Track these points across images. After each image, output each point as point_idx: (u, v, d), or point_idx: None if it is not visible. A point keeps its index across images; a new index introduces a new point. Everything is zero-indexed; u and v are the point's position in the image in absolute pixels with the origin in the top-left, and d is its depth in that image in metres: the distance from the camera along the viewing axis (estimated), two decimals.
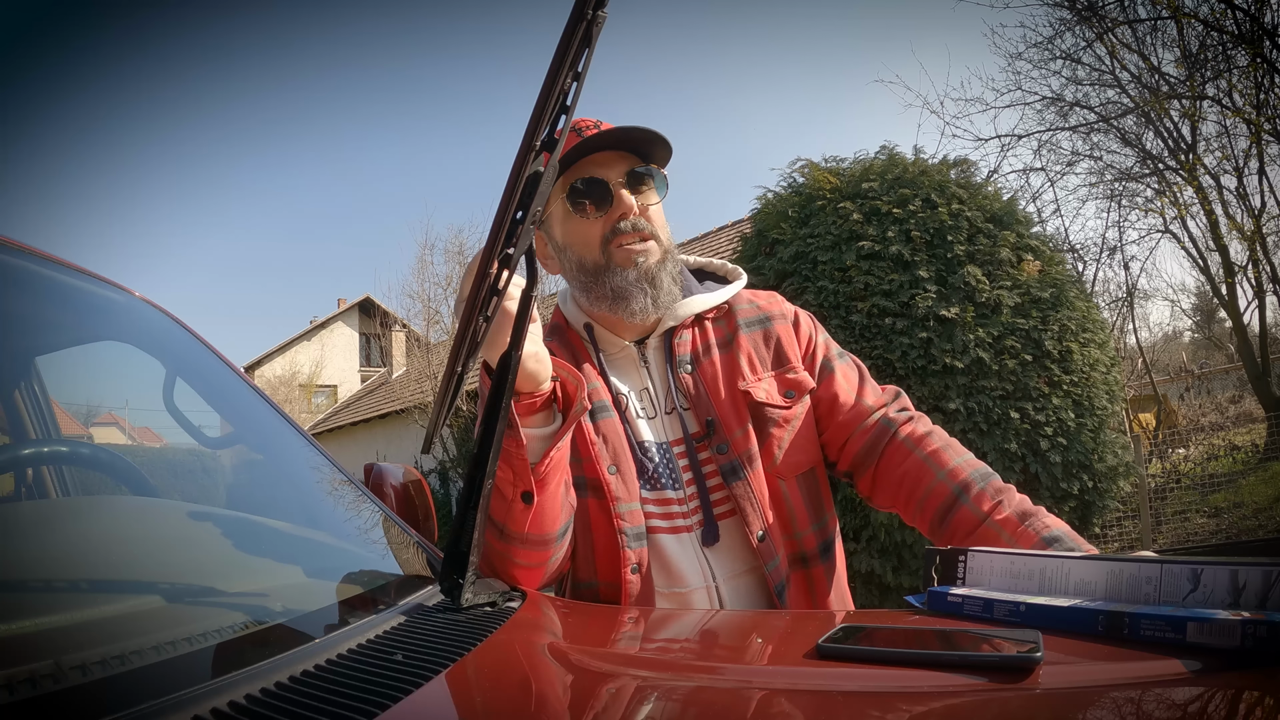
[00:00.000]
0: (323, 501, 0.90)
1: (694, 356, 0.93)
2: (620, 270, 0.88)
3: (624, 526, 0.85)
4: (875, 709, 0.42)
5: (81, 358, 1.08)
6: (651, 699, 0.46)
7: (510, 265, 0.50)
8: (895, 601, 3.92)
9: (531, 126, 0.45)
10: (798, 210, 4.43)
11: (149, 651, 0.41)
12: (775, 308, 0.98)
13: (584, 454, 0.87)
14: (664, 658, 0.62)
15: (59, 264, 0.82)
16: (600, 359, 0.92)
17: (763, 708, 0.44)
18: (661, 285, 0.89)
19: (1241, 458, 6.77)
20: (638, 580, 0.84)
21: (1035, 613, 0.55)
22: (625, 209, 0.88)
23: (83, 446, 1.00)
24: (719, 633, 0.71)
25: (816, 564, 0.91)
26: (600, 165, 0.88)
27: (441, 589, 0.65)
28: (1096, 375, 4.23)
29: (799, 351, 0.94)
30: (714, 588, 0.87)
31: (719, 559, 0.87)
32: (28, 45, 34.67)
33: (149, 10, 48.29)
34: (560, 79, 0.44)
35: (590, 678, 0.50)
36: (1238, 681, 0.42)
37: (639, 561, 0.85)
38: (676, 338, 0.93)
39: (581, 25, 0.42)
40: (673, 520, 0.88)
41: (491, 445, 0.62)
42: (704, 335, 0.94)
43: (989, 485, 0.84)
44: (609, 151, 0.89)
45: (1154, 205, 8.26)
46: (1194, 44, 7.14)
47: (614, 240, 0.88)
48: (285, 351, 24.49)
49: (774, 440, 0.90)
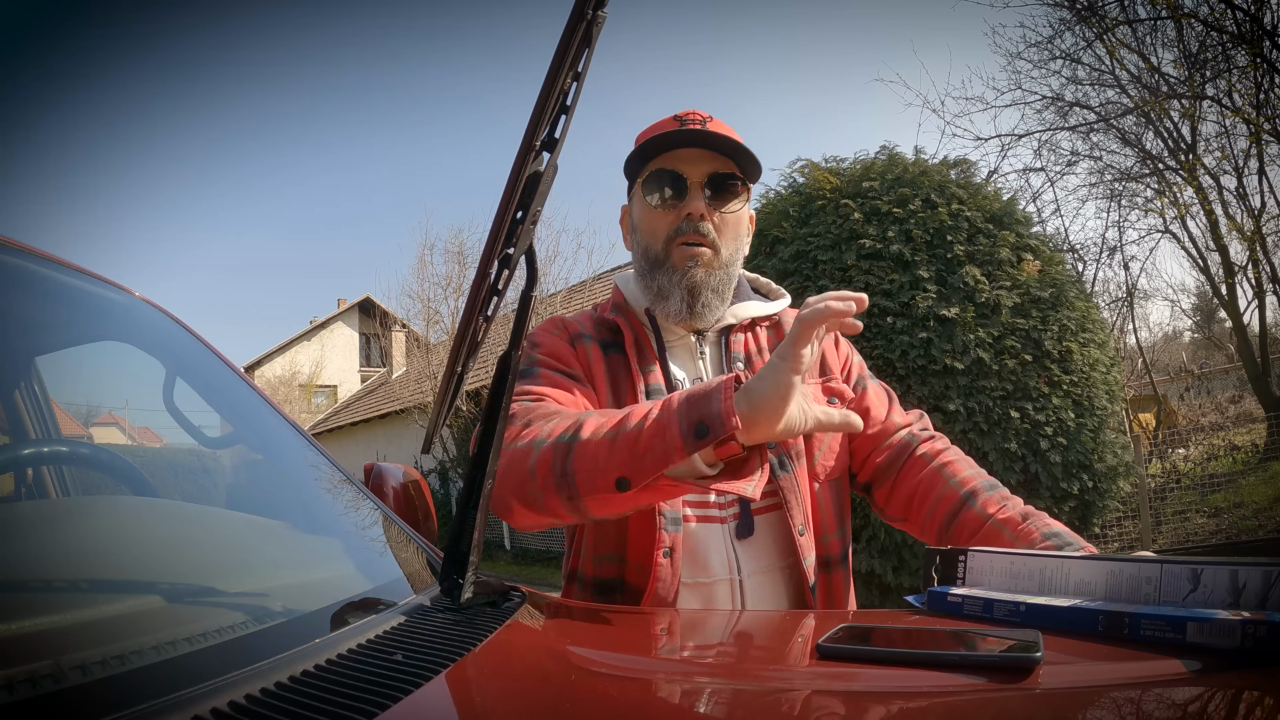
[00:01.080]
0: (322, 501, 0.90)
1: (747, 356, 0.96)
2: (671, 270, 0.90)
3: (664, 508, 0.85)
4: (875, 709, 0.42)
5: (81, 358, 1.07)
6: (651, 699, 0.46)
7: (510, 265, 0.50)
8: (895, 601, 3.92)
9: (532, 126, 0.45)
10: (798, 210, 4.43)
11: (149, 651, 0.41)
12: None
13: None
14: (664, 658, 0.62)
15: (59, 264, 0.82)
16: (662, 345, 0.94)
17: (763, 708, 0.44)
18: (700, 297, 0.90)
19: (1241, 458, 6.78)
20: (668, 565, 0.84)
21: (1035, 613, 0.55)
22: (694, 209, 0.89)
23: (83, 446, 1.00)
24: (719, 633, 0.71)
25: (838, 569, 0.92)
26: (687, 161, 0.89)
27: (441, 589, 0.65)
28: (1096, 375, 4.23)
29: (839, 366, 0.99)
30: (738, 581, 0.87)
31: (749, 552, 0.87)
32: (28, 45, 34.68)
33: (149, 10, 48.32)
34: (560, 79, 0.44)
35: (590, 678, 0.50)
36: (1238, 681, 0.42)
37: (672, 546, 0.85)
38: (733, 335, 0.96)
39: (581, 25, 0.42)
40: (706, 510, 0.88)
41: (491, 445, 0.62)
42: (756, 339, 0.98)
43: (996, 492, 0.88)
44: (701, 150, 0.89)
45: (1154, 205, 8.27)
46: (1194, 44, 7.14)
47: (677, 238, 0.90)
48: (285, 351, 24.48)
49: (815, 442, 0.92)
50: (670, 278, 0.90)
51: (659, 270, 0.91)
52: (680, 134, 0.88)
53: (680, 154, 0.89)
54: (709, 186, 0.89)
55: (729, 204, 0.91)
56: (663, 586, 0.84)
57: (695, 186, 0.89)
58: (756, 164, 0.90)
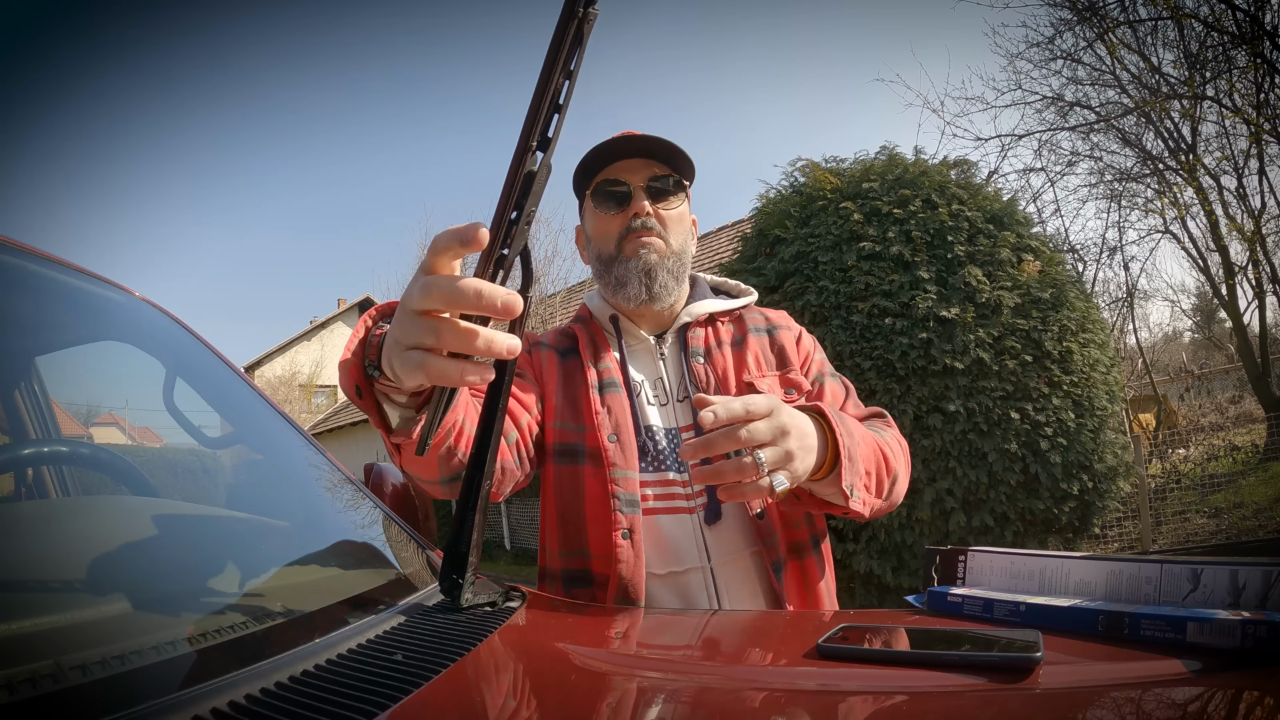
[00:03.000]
0: (322, 501, 0.90)
1: (707, 350, 1.00)
2: (625, 260, 0.97)
3: (617, 491, 0.89)
4: (875, 709, 0.42)
5: (81, 358, 1.08)
6: (651, 699, 0.46)
7: (505, 266, 0.49)
8: (895, 601, 3.92)
9: (526, 127, 0.46)
10: (798, 210, 4.43)
11: (149, 651, 0.41)
12: (782, 321, 1.07)
13: (588, 423, 0.93)
14: (664, 658, 0.62)
15: (59, 264, 0.82)
16: (622, 347, 1.00)
17: (763, 707, 0.44)
18: (656, 278, 0.97)
19: (1241, 458, 6.77)
20: (629, 547, 0.86)
21: (1035, 613, 0.55)
22: (639, 208, 0.97)
23: (83, 446, 1.00)
24: (719, 633, 0.71)
25: (809, 554, 0.94)
26: (628, 170, 0.97)
27: (441, 589, 0.65)
28: (1096, 375, 4.23)
29: (799, 361, 1.02)
30: (709, 569, 0.89)
31: (718, 539, 0.90)
32: (29, 44, 34.69)
33: (149, 9, 48.34)
34: (553, 78, 0.44)
35: (590, 678, 0.50)
36: (1238, 681, 0.42)
37: (630, 527, 0.87)
38: (691, 332, 1.01)
39: (573, 24, 0.43)
40: (673, 501, 0.91)
41: (489, 446, 0.62)
42: (716, 333, 1.03)
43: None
44: (638, 159, 0.98)
45: (1154, 205, 8.27)
46: (1194, 44, 7.14)
47: (628, 234, 0.97)
48: (285, 351, 24.49)
49: None
50: (626, 265, 0.97)
51: (615, 264, 0.98)
52: (617, 143, 0.96)
53: (620, 165, 0.97)
54: (650, 188, 0.97)
55: (669, 202, 0.99)
56: (626, 569, 0.86)
57: (638, 190, 0.97)
58: (689, 163, 0.98)
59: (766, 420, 0.67)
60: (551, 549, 0.95)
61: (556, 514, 0.94)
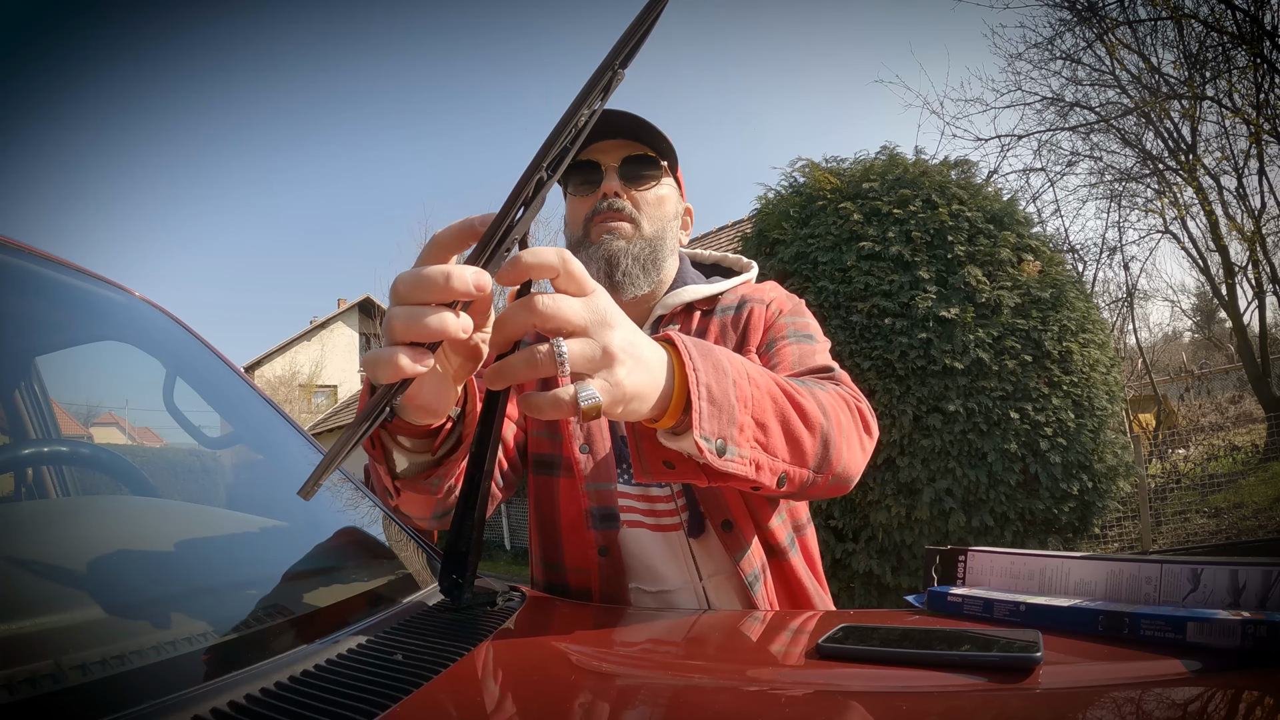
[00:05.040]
0: (322, 501, 0.90)
1: None
2: (589, 245, 0.90)
3: (589, 506, 0.84)
4: (875, 709, 0.42)
5: (81, 358, 1.07)
6: (651, 699, 0.46)
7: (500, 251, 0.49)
8: (895, 601, 3.92)
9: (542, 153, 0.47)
10: (798, 210, 4.43)
11: (149, 651, 0.41)
12: (756, 294, 0.95)
13: (562, 432, 0.89)
14: (664, 658, 0.62)
15: (59, 264, 0.82)
16: None
17: (763, 708, 0.44)
18: (619, 265, 0.88)
19: (1241, 458, 6.77)
20: (608, 564, 0.83)
21: (1035, 613, 0.55)
22: (608, 188, 0.90)
23: (83, 446, 1.00)
24: (719, 633, 0.71)
25: (786, 556, 0.87)
26: (601, 150, 0.90)
27: (441, 589, 0.65)
28: (1096, 375, 4.23)
29: (759, 335, 0.90)
30: (699, 585, 0.85)
31: (705, 553, 0.86)
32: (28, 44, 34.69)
33: (148, 9, 48.30)
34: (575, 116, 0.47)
35: (591, 678, 0.50)
36: (1238, 681, 0.42)
37: (605, 545, 0.83)
38: (664, 326, 0.92)
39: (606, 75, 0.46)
40: (658, 518, 0.86)
41: (488, 446, 0.62)
42: (688, 324, 0.93)
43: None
44: (613, 140, 0.90)
45: (1154, 205, 8.28)
46: (1194, 44, 7.15)
47: (595, 216, 0.90)
48: (285, 351, 24.49)
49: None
50: (589, 252, 0.89)
51: (580, 250, 0.90)
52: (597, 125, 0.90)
53: (595, 145, 0.90)
54: (623, 169, 0.90)
55: (644, 183, 0.91)
56: (607, 586, 0.83)
57: (610, 169, 0.90)
58: (666, 141, 0.91)
59: (584, 300, 0.47)
60: (535, 559, 0.93)
61: (537, 526, 0.91)
